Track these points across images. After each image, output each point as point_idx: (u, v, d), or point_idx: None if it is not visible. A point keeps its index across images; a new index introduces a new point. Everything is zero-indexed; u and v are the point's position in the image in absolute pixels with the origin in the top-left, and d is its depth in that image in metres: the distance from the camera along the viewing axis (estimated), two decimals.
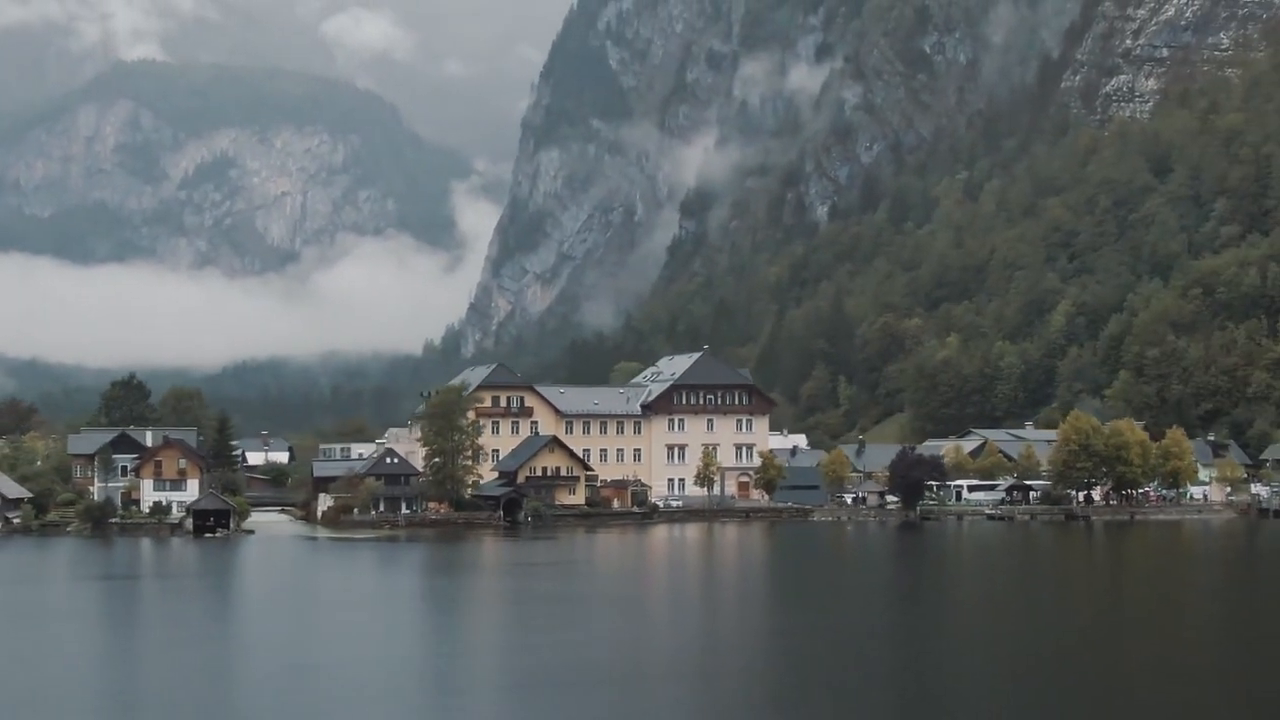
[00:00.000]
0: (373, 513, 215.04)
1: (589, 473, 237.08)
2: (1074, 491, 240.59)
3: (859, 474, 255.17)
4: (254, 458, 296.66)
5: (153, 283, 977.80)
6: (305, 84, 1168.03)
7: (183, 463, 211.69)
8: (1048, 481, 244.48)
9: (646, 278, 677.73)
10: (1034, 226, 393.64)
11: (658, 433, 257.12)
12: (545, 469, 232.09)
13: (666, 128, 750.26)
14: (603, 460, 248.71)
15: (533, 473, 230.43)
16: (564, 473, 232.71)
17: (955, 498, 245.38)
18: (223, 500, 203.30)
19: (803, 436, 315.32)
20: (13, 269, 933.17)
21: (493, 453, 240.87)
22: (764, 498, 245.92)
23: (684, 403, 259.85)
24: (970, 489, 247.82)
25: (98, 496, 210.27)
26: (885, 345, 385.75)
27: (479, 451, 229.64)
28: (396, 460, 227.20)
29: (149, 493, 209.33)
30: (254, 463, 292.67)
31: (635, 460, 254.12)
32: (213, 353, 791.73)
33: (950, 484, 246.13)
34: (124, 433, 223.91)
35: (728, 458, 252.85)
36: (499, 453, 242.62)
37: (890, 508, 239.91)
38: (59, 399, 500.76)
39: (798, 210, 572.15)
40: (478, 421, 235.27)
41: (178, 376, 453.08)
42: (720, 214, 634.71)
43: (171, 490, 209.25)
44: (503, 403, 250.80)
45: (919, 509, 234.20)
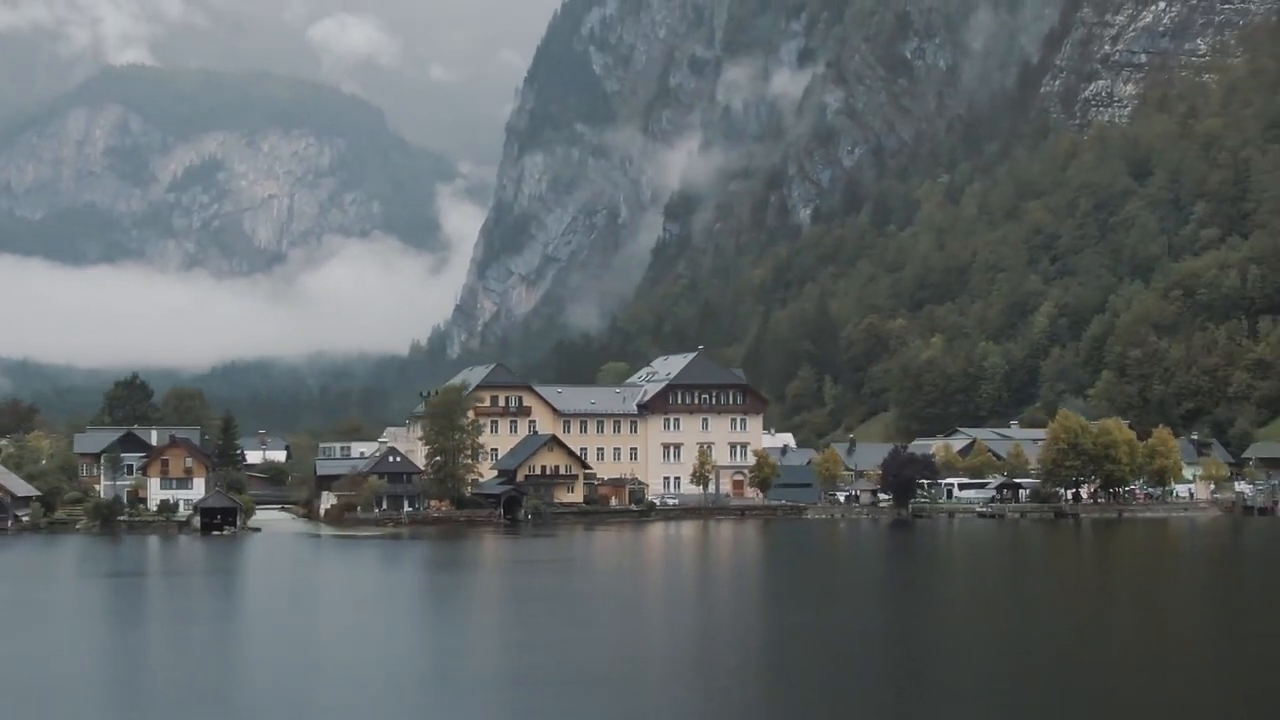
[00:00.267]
0: (376, 511, 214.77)
1: (587, 471, 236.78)
2: (1063, 490, 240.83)
3: (851, 472, 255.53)
4: (252, 456, 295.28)
5: (142, 284, 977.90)
6: (292, 88, 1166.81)
7: (189, 461, 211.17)
8: (1037, 480, 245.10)
9: (630, 280, 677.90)
10: (1016, 229, 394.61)
11: (653, 432, 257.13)
12: (544, 467, 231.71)
13: (650, 132, 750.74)
14: (599, 459, 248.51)
15: (532, 471, 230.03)
16: (563, 471, 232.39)
17: (946, 496, 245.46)
18: (229, 498, 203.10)
19: (789, 435, 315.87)
20: (4, 270, 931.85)
21: (491, 451, 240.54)
22: (758, 495, 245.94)
23: (679, 402, 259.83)
24: (960, 487, 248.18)
25: (104, 495, 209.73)
26: (870, 346, 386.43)
27: (479, 450, 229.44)
28: (399, 459, 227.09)
29: (156, 491, 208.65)
30: (252, 461, 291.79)
31: (631, 459, 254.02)
32: (201, 353, 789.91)
33: (941, 482, 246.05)
34: (130, 432, 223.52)
35: (722, 456, 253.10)
36: (497, 451, 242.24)
37: (883, 505, 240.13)
38: (50, 398, 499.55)
39: (781, 213, 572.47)
40: (477, 421, 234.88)
41: (167, 376, 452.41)
42: (704, 217, 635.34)
43: (178, 488, 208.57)
44: (501, 402, 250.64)
45: (911, 507, 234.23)
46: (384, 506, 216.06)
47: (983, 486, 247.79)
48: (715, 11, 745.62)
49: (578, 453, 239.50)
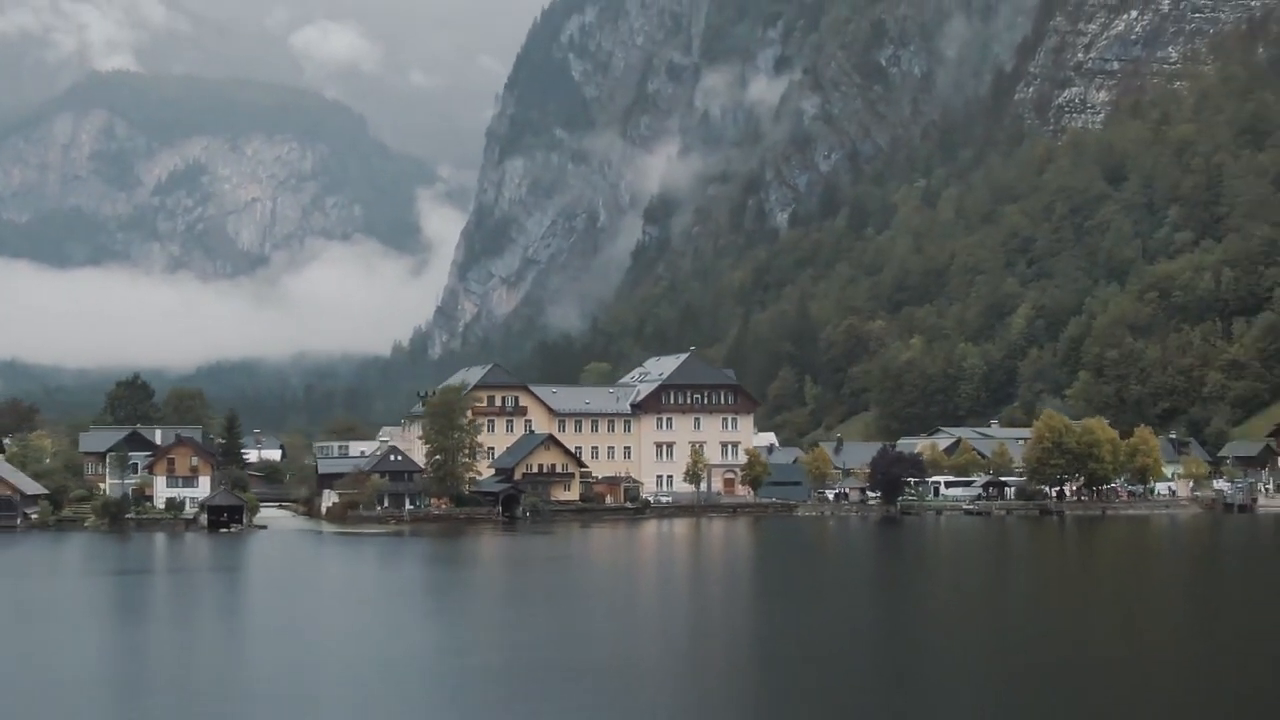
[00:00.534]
0: (378, 509, 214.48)
1: (583, 469, 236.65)
2: (1047, 487, 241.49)
3: (839, 470, 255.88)
4: (248, 455, 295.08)
5: (128, 286, 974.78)
6: (275, 94, 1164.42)
7: (194, 460, 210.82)
8: (1022, 478, 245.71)
9: (609, 282, 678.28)
10: (993, 233, 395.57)
11: (647, 431, 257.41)
12: (541, 466, 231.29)
13: (628, 137, 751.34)
14: (594, 458, 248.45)
15: (529, 469, 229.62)
16: (559, 469, 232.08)
17: (933, 494, 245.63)
18: (236, 496, 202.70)
19: (772, 435, 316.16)
20: None
21: (489, 450, 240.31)
22: (749, 493, 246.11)
23: (672, 402, 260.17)
24: (947, 485, 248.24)
25: (110, 493, 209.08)
26: (850, 347, 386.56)
27: (477, 449, 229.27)
28: (400, 458, 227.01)
29: (162, 489, 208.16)
30: (248, 460, 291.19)
31: (625, 457, 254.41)
32: (187, 354, 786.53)
33: (928, 480, 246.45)
34: (135, 431, 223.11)
35: (714, 455, 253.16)
36: (494, 450, 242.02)
37: (871, 503, 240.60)
38: (40, 398, 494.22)
39: (758, 217, 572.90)
40: (475, 420, 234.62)
41: (154, 377, 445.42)
42: (683, 220, 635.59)
43: (184, 487, 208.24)
44: (498, 402, 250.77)
45: (899, 504, 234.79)
46: (385, 504, 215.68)
47: (969, 484, 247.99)
48: (693, 19, 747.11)
49: (573, 451, 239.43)
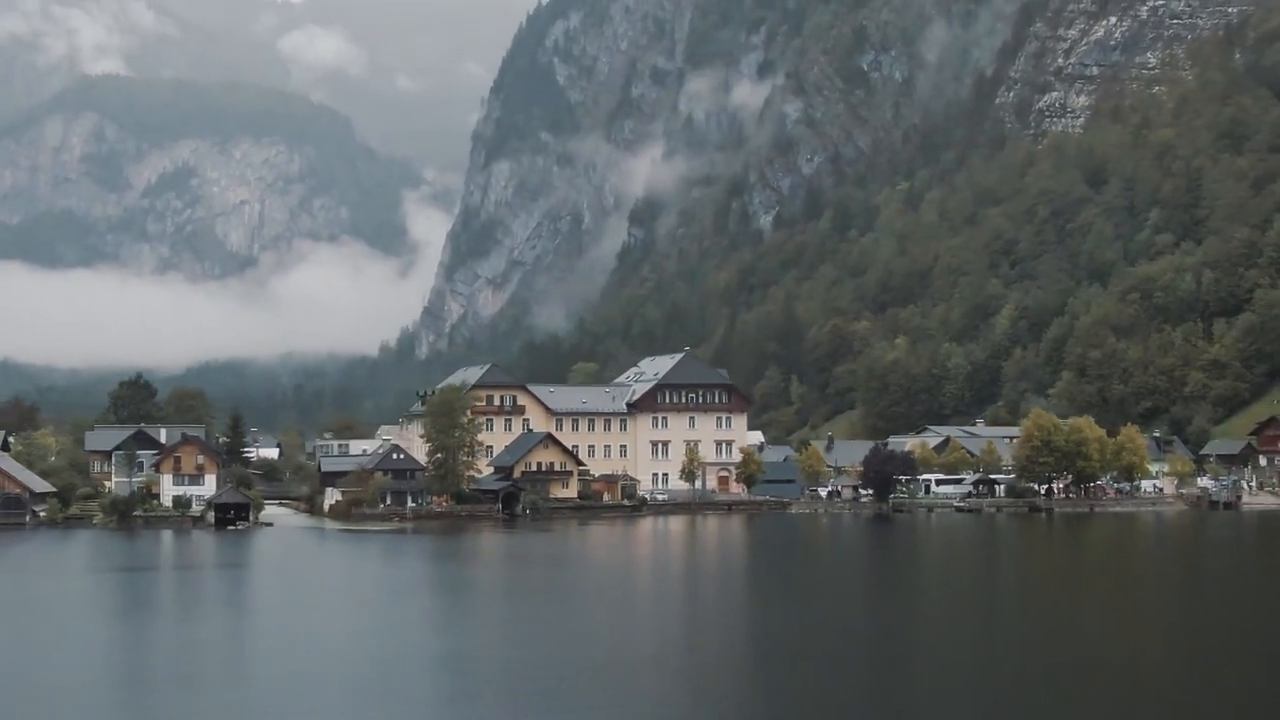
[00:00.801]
0: (381, 506, 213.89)
1: (581, 467, 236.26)
2: (1036, 485, 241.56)
3: (832, 469, 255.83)
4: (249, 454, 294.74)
5: (118, 287, 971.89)
6: (262, 98, 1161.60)
7: (200, 459, 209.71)
8: (1011, 475, 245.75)
9: (594, 283, 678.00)
10: (976, 235, 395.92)
11: (642, 430, 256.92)
12: (540, 464, 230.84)
13: (613, 140, 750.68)
14: (590, 456, 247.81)
15: (529, 468, 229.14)
16: (558, 468, 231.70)
17: (924, 491, 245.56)
18: (243, 494, 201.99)
19: (758, 433, 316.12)
20: None
21: (487, 449, 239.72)
22: (743, 491, 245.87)
23: (667, 401, 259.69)
24: (938, 483, 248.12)
25: (117, 491, 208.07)
26: (835, 347, 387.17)
27: (477, 447, 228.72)
28: (402, 456, 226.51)
29: (169, 487, 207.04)
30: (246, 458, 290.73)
31: (621, 456, 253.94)
32: (177, 353, 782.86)
33: (919, 478, 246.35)
34: (141, 429, 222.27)
35: (708, 453, 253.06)
36: (492, 449, 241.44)
37: (864, 501, 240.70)
38: (33, 397, 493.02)
39: (742, 219, 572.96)
40: (475, 419, 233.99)
41: (144, 376, 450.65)
42: (668, 222, 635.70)
43: (190, 485, 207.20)
44: (496, 401, 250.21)
45: (891, 502, 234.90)
46: (389, 502, 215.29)
47: (959, 482, 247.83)
48: (676, 25, 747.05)
49: (571, 450, 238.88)
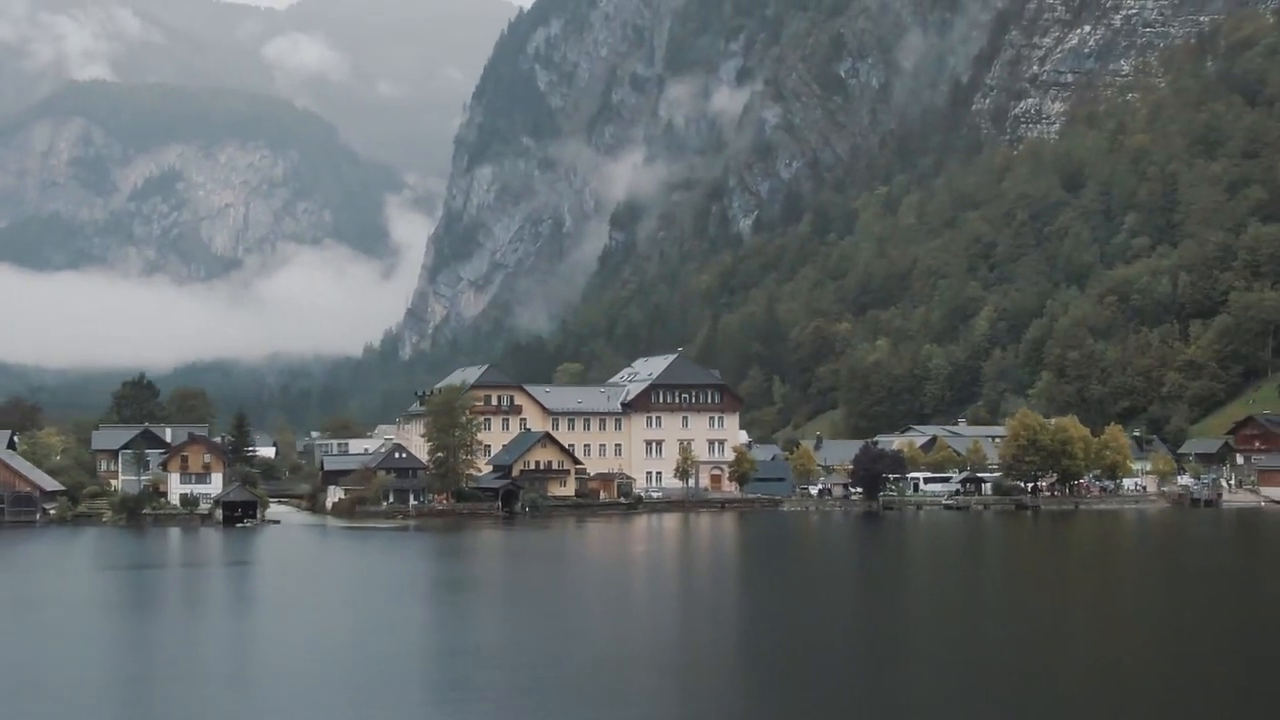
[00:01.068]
0: (383, 504, 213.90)
1: (578, 466, 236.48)
2: (1023, 483, 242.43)
3: (822, 467, 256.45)
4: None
5: (105, 289, 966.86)
6: (247, 103, 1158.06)
7: (207, 457, 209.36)
8: (997, 473, 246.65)
9: (575, 285, 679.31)
10: (955, 238, 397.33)
11: (637, 429, 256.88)
12: (538, 463, 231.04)
13: (594, 145, 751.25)
14: (586, 455, 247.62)
15: (527, 466, 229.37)
16: (555, 466, 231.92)
17: (913, 489, 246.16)
18: (250, 492, 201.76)
19: (743, 433, 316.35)
20: None
21: (486, 448, 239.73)
22: (735, 489, 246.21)
23: (661, 401, 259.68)
24: (926, 481, 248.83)
25: (124, 489, 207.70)
26: (817, 348, 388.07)
27: (476, 446, 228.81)
28: (404, 455, 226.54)
29: (176, 485, 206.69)
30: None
31: (617, 454, 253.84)
32: (164, 354, 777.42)
33: (908, 476, 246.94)
34: (147, 429, 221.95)
35: (701, 452, 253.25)
36: (490, 448, 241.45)
37: (854, 499, 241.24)
38: (25, 398, 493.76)
39: (722, 222, 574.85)
40: (474, 419, 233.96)
41: (132, 377, 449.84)
42: (649, 225, 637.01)
43: (197, 483, 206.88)
44: (494, 401, 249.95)
45: (881, 500, 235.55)
46: (391, 500, 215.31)
47: (946, 480, 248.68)
48: (656, 32, 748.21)
49: (567, 449, 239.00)
